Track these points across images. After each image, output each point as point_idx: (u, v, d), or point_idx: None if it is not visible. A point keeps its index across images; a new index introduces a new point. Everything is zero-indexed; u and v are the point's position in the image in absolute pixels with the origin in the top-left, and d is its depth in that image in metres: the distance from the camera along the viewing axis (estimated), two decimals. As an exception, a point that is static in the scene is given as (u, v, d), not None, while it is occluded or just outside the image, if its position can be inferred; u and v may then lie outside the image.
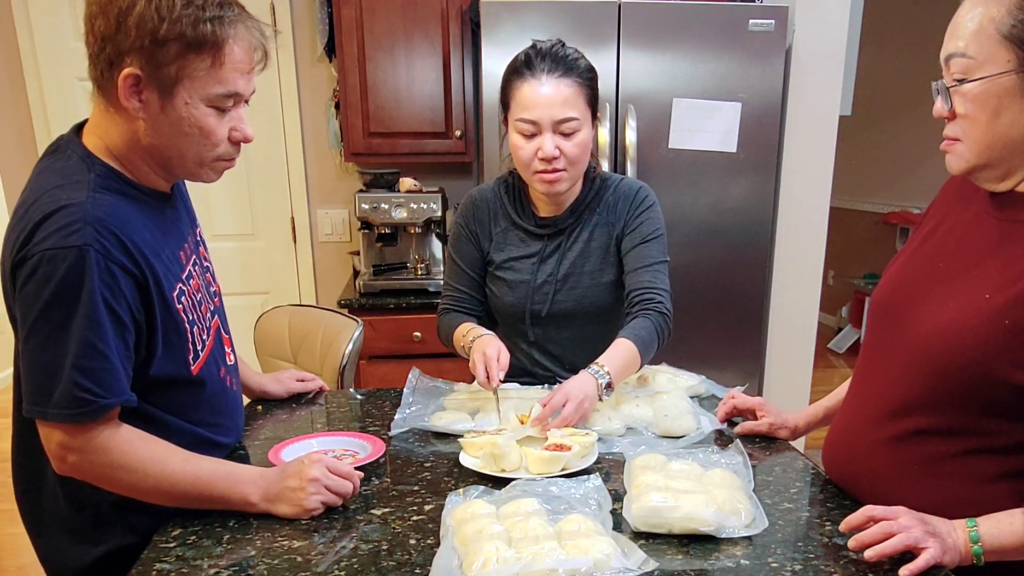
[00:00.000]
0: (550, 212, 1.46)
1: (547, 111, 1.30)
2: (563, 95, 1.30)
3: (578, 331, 1.47)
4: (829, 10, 2.43)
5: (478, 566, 0.84)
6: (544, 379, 1.49)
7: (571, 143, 1.32)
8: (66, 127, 1.11)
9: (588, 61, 1.37)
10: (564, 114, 1.30)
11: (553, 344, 1.49)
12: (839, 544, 0.95)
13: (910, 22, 4.86)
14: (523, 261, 1.46)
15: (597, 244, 1.45)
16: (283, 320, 2.07)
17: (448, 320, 1.51)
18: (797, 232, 2.59)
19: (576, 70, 1.32)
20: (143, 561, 0.93)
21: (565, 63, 1.32)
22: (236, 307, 2.97)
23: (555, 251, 1.45)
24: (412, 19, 2.57)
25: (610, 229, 1.45)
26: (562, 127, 1.31)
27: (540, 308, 1.44)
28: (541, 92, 1.30)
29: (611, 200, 1.45)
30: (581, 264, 1.44)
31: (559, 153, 1.32)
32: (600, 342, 1.36)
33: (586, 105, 1.34)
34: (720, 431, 1.33)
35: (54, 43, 2.62)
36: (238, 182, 2.87)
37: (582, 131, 1.33)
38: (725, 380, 1.56)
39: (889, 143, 5.19)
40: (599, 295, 1.45)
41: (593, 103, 1.37)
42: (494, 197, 1.50)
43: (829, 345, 5.36)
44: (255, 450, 1.26)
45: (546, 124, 1.31)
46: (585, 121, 1.34)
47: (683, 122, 2.34)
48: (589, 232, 1.45)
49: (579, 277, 1.44)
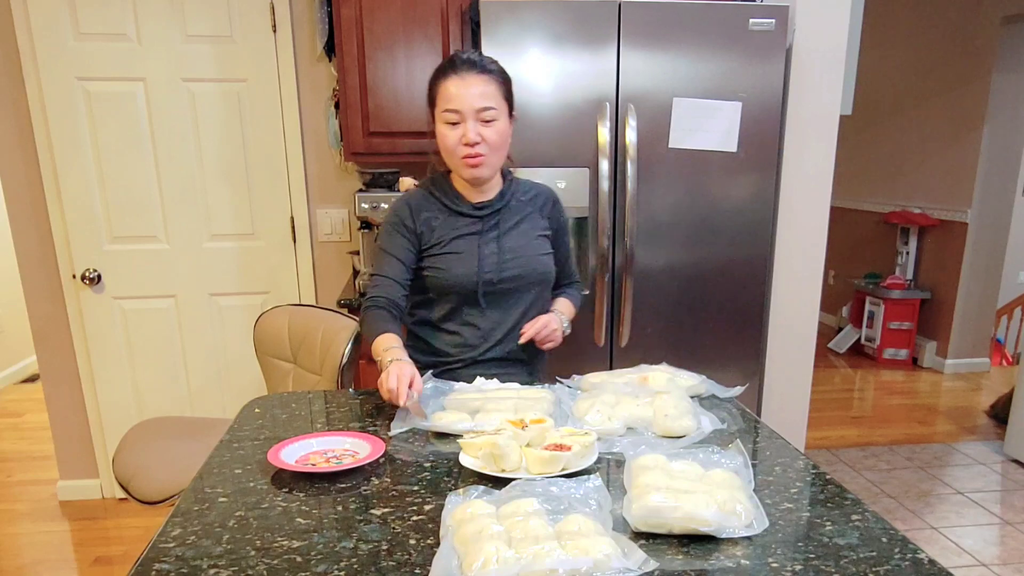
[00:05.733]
0: (480, 199, 1.64)
1: (469, 101, 1.49)
2: (482, 88, 1.50)
3: (521, 296, 1.67)
4: (829, 10, 2.43)
5: (478, 566, 0.84)
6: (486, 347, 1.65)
7: (491, 130, 1.52)
8: (66, 127, 1.11)
9: (499, 64, 1.57)
10: (483, 103, 1.50)
11: (499, 310, 1.66)
12: (839, 544, 0.95)
13: (910, 22, 4.86)
14: (467, 238, 1.62)
15: (530, 224, 1.66)
16: (283, 320, 2.07)
17: (372, 320, 1.57)
18: (797, 232, 2.59)
19: (492, 71, 1.53)
20: (143, 561, 0.93)
21: (482, 64, 1.52)
22: (235, 307, 3.00)
23: (494, 228, 1.63)
24: (412, 19, 2.57)
25: (540, 213, 1.69)
26: (482, 115, 1.50)
27: (492, 276, 1.61)
28: (463, 85, 1.50)
29: (531, 192, 1.70)
30: (521, 238, 1.64)
31: (481, 139, 1.51)
32: (534, 306, 1.67)
33: (503, 99, 1.54)
34: (720, 431, 1.33)
35: (54, 43, 2.62)
36: (237, 182, 2.87)
37: (500, 120, 1.53)
38: (725, 380, 1.57)
39: (889, 143, 5.19)
40: (542, 263, 1.67)
41: (509, 100, 1.56)
42: (424, 196, 1.66)
43: (829, 345, 5.36)
44: (255, 450, 1.26)
45: (468, 113, 1.50)
46: (502, 113, 1.53)
47: (683, 122, 2.34)
48: (521, 214, 1.66)
49: (523, 248, 1.64)
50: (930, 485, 3.19)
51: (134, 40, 2.68)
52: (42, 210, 2.80)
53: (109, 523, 2.92)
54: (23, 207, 2.80)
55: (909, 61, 4.95)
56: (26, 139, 2.72)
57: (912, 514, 2.93)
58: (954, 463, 3.42)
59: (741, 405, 1.50)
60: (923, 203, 4.86)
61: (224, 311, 2.99)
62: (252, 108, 2.83)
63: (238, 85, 2.80)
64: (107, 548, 2.73)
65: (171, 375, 3.02)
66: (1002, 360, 4.98)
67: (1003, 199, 4.52)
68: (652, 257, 2.43)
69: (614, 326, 2.47)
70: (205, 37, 2.73)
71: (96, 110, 2.71)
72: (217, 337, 3.01)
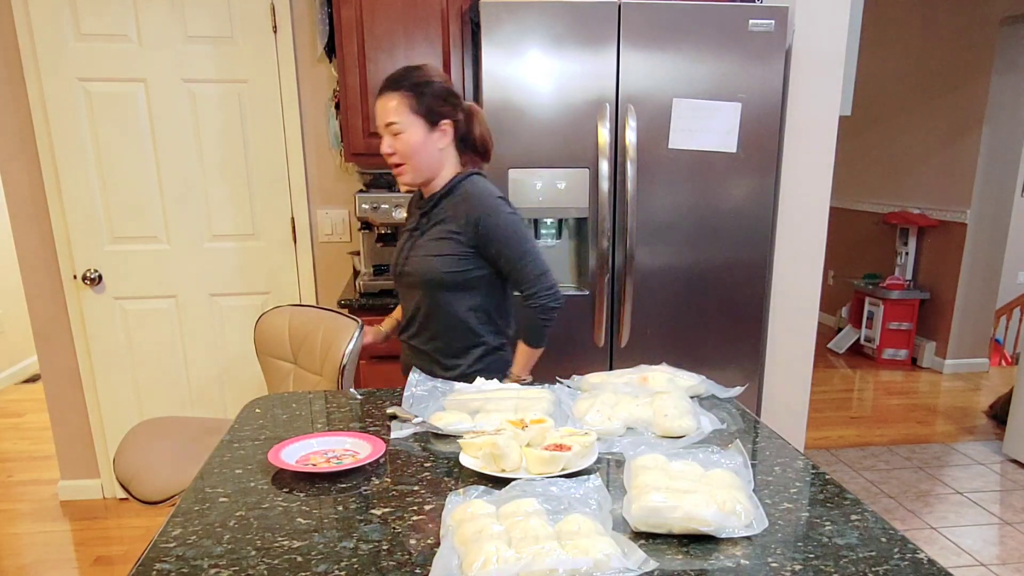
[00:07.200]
0: (427, 195, 1.79)
1: (380, 118, 1.67)
2: (388, 106, 1.65)
3: (415, 293, 1.77)
4: (829, 10, 2.43)
5: (478, 566, 0.84)
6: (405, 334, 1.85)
7: (399, 142, 1.66)
8: (66, 127, 1.12)
9: (418, 79, 1.65)
10: (387, 119, 1.65)
11: (405, 301, 1.83)
12: (839, 544, 0.95)
13: (910, 22, 4.86)
14: (405, 232, 1.84)
15: (441, 228, 1.73)
16: (283, 320, 2.07)
17: None
18: (797, 232, 2.60)
19: (400, 87, 1.65)
20: (143, 561, 0.93)
21: (392, 82, 1.66)
22: (236, 307, 3.00)
23: (420, 226, 1.78)
24: (412, 19, 2.57)
25: (454, 222, 1.71)
26: (390, 129, 1.66)
27: (398, 270, 1.81)
28: (379, 104, 1.68)
29: (460, 204, 1.71)
30: (428, 240, 1.75)
31: (393, 151, 1.67)
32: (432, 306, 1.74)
33: (411, 113, 1.65)
34: (720, 431, 1.33)
35: (54, 43, 2.62)
36: (238, 182, 2.88)
37: (406, 132, 1.65)
38: (725, 380, 1.57)
39: (889, 143, 5.19)
40: (430, 267, 1.72)
41: (422, 111, 1.65)
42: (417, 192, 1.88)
43: (829, 345, 5.36)
44: (255, 450, 1.26)
45: (381, 128, 1.68)
46: (410, 125, 1.65)
47: (683, 122, 2.35)
48: (442, 218, 1.74)
49: (423, 248, 1.75)
50: (929, 485, 3.19)
51: (135, 41, 2.69)
52: (43, 210, 2.80)
53: (110, 523, 2.92)
54: (24, 207, 2.80)
55: (908, 62, 4.95)
56: (27, 140, 2.72)
57: (911, 514, 2.94)
58: (953, 463, 3.42)
59: (741, 405, 1.50)
60: (922, 203, 4.87)
61: (225, 311, 3.00)
62: (253, 109, 2.83)
63: (239, 86, 2.80)
64: (108, 548, 2.73)
65: (172, 375, 3.02)
66: (1001, 360, 4.99)
67: (1002, 199, 4.53)
68: (652, 257, 2.43)
69: (614, 326, 2.47)
70: (206, 38, 2.74)
71: (97, 111, 2.71)
72: (218, 337, 3.02)
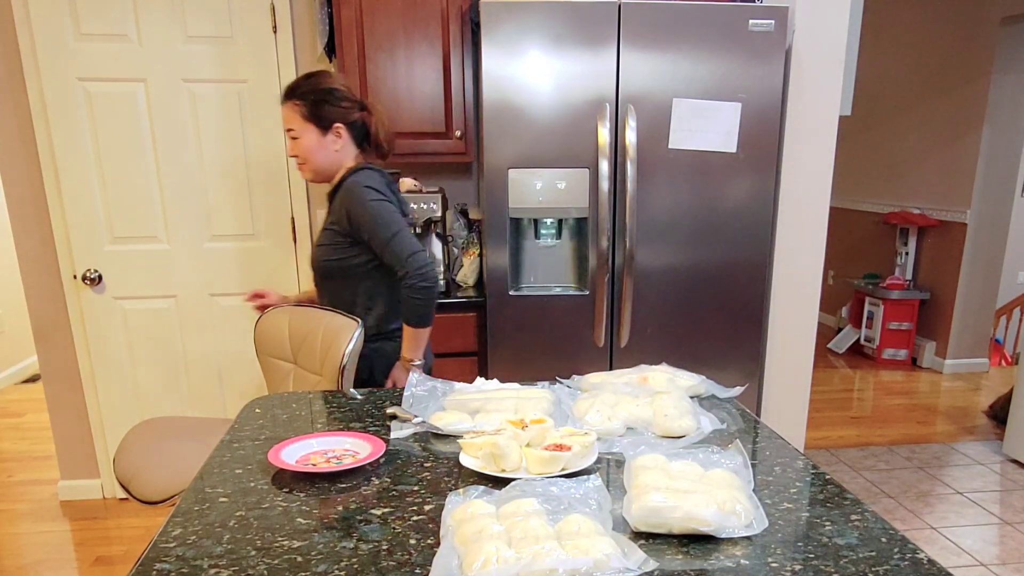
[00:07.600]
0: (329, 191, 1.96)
1: (283, 125, 1.91)
2: (285, 114, 1.88)
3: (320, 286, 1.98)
4: (829, 10, 2.43)
5: (478, 566, 0.84)
6: None
7: (297, 146, 1.88)
8: (66, 127, 1.12)
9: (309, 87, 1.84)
10: (286, 126, 1.89)
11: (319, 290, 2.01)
12: (839, 544, 0.95)
13: (909, 22, 4.86)
14: None
15: (329, 220, 1.91)
16: (283, 320, 2.07)
17: None
18: (797, 232, 2.60)
19: (292, 96, 1.85)
20: (143, 561, 0.93)
21: (288, 91, 1.86)
22: (236, 307, 3.00)
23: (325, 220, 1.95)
24: (412, 19, 2.57)
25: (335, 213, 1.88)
26: (289, 135, 1.89)
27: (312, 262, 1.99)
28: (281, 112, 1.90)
29: (342, 191, 1.88)
30: (321, 231, 1.93)
31: (295, 153, 1.90)
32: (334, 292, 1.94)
33: (303, 119, 1.85)
34: (720, 431, 1.33)
35: (54, 43, 2.62)
36: (238, 183, 2.88)
37: (302, 138, 1.87)
38: (725, 380, 1.57)
39: (889, 143, 5.19)
40: (317, 256, 1.93)
41: (313, 118, 1.85)
42: None
43: (829, 345, 5.36)
44: (255, 450, 1.26)
45: (285, 133, 1.92)
46: (304, 130, 1.86)
47: (683, 122, 2.35)
48: (329, 211, 1.93)
49: (318, 240, 1.94)
50: (929, 485, 3.19)
51: (135, 41, 2.69)
52: (43, 210, 2.80)
53: (110, 523, 2.92)
54: (24, 207, 2.80)
55: (908, 61, 4.95)
56: (27, 139, 2.72)
57: (911, 514, 2.94)
58: (953, 463, 3.42)
59: (741, 405, 1.50)
60: (922, 203, 4.87)
61: (224, 311, 3.00)
62: (253, 109, 2.83)
63: (239, 86, 2.80)
64: (108, 548, 2.73)
65: (171, 375, 3.02)
66: (1001, 360, 4.99)
67: (1002, 199, 4.53)
68: (652, 257, 2.44)
69: (614, 326, 2.47)
70: (206, 38, 2.74)
71: (97, 111, 2.71)
72: (217, 337, 3.02)
